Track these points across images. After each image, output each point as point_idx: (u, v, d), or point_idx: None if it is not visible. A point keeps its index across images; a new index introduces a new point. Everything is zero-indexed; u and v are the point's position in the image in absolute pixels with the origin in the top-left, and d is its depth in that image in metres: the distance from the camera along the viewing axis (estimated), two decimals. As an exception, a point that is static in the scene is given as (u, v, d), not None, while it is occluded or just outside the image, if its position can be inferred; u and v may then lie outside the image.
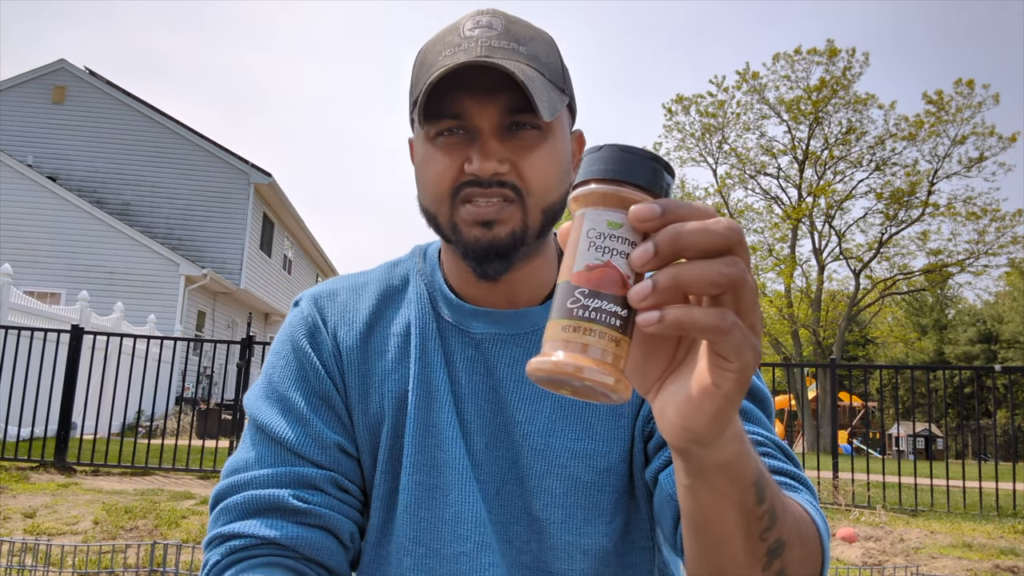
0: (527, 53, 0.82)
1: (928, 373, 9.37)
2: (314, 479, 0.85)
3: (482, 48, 0.80)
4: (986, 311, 38.07)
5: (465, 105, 0.81)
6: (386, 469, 0.89)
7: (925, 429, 21.20)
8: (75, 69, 18.13)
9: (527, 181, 0.82)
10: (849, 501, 7.39)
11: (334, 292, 0.97)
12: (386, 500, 0.89)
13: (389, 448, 0.89)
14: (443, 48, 0.83)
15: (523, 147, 0.82)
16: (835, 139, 24.94)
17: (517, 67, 0.78)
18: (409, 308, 0.94)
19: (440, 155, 0.83)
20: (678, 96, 26.26)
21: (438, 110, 0.82)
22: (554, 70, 0.85)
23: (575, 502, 0.86)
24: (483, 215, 0.82)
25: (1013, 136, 22.37)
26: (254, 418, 0.90)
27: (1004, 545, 5.61)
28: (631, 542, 0.88)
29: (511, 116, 0.81)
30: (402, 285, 0.97)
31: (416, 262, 0.98)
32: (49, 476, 7.05)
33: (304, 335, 0.93)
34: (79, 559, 3.83)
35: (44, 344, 7.94)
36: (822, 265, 25.77)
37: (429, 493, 0.87)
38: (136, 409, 9.69)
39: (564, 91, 0.86)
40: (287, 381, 0.90)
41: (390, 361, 0.91)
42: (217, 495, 0.87)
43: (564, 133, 0.87)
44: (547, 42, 0.87)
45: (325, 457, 0.87)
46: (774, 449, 0.80)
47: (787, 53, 24.71)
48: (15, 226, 15.69)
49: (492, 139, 0.81)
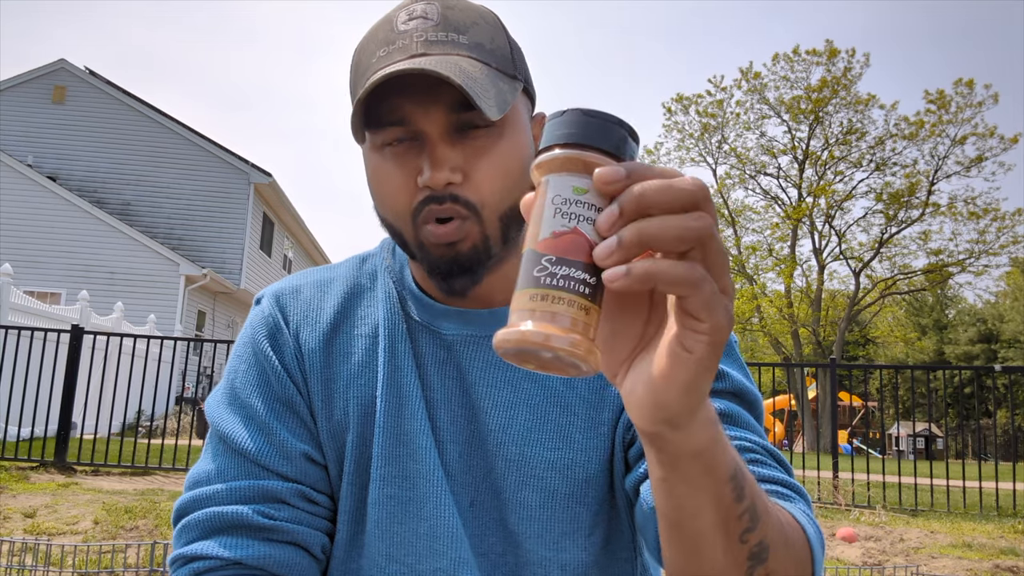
0: (468, 43, 0.76)
1: (928, 373, 9.38)
2: (279, 492, 0.81)
3: (418, 45, 0.75)
4: (986, 311, 38.07)
5: (407, 110, 0.75)
6: (353, 481, 0.84)
7: (925, 429, 21.20)
8: (75, 69, 18.13)
9: (480, 191, 0.76)
10: (849, 501, 7.39)
11: (297, 289, 0.91)
12: (353, 513, 0.84)
13: (356, 459, 0.84)
14: (376, 47, 0.77)
15: (475, 151, 0.76)
16: (835, 139, 24.95)
17: (456, 65, 0.72)
18: (377, 307, 0.88)
19: (391, 168, 0.78)
20: (678, 95, 26.26)
21: (379, 118, 0.76)
22: (501, 56, 0.78)
23: (552, 515, 0.81)
24: (446, 236, 0.77)
25: (1014, 138, 22.37)
26: (215, 426, 0.85)
27: (1004, 545, 5.61)
28: (612, 554, 0.85)
29: (458, 115, 0.75)
30: (370, 283, 0.91)
31: (384, 258, 0.92)
32: (49, 476, 7.05)
33: (265, 336, 0.87)
34: (79, 559, 3.83)
35: (44, 344, 7.94)
36: (822, 265, 25.76)
37: (402, 507, 0.82)
38: (136, 409, 9.69)
39: (516, 76, 0.79)
40: (249, 386, 0.85)
41: (355, 364, 0.86)
42: (179, 510, 0.83)
43: (521, 123, 0.81)
44: (491, 24, 0.79)
45: (290, 468, 0.82)
46: (764, 455, 0.75)
47: (787, 53, 24.72)
48: (15, 226, 15.70)
49: (441, 144, 0.75)
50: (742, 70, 25.33)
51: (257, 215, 18.84)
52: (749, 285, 26.25)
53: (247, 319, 0.92)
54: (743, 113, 25.75)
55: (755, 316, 25.92)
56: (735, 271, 26.84)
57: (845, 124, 24.68)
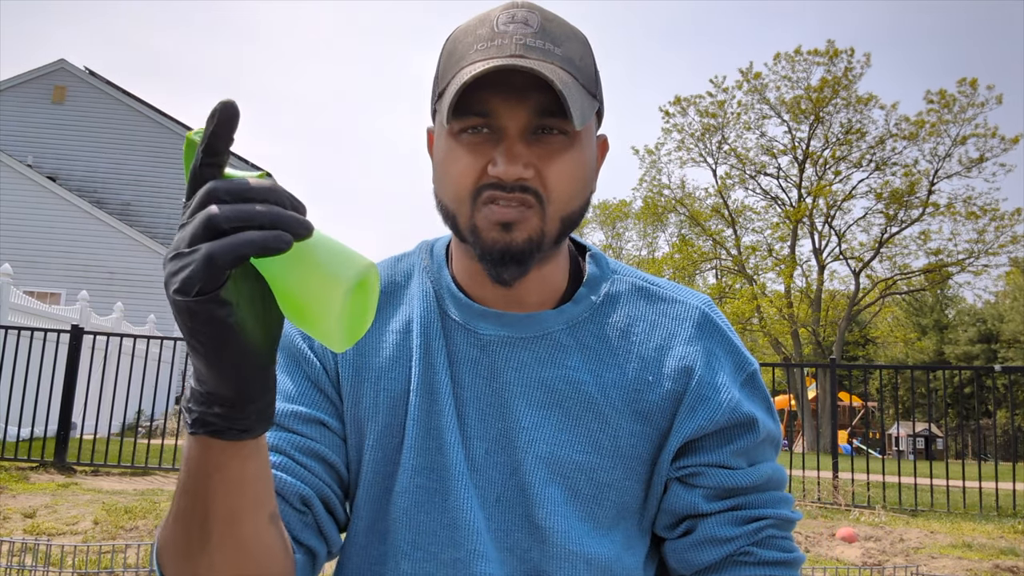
0: (562, 55, 0.80)
1: (928, 373, 9.37)
2: (277, 441, 0.81)
3: (517, 46, 0.78)
4: (986, 311, 38.07)
5: (494, 104, 0.79)
6: (378, 469, 0.86)
7: (925, 429, 21.21)
8: (75, 69, 18.13)
9: (549, 188, 0.80)
10: (849, 501, 7.39)
11: None
12: (378, 501, 0.87)
13: (383, 448, 0.86)
14: (475, 41, 0.80)
15: (549, 153, 0.80)
16: (836, 139, 24.96)
17: (552, 71, 0.76)
18: (411, 305, 0.91)
19: (463, 153, 0.81)
20: (676, 98, 26.29)
21: (466, 107, 0.79)
22: (588, 74, 0.82)
23: (575, 512, 0.84)
24: (503, 217, 0.79)
25: (1015, 138, 22.38)
26: None
27: (1004, 545, 5.61)
28: (634, 554, 0.88)
29: (540, 119, 0.79)
30: (404, 281, 0.94)
31: (422, 258, 0.95)
32: (49, 476, 7.05)
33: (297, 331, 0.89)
34: (79, 559, 3.83)
35: (44, 344, 7.94)
36: (822, 265, 25.77)
37: (429, 497, 0.85)
38: (136, 409, 9.68)
39: (595, 96, 0.84)
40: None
41: (387, 358, 0.88)
42: None
43: (591, 140, 0.85)
44: (582, 43, 0.84)
45: (300, 425, 0.83)
46: (781, 528, 0.87)
47: (788, 53, 24.73)
48: (15, 226, 15.69)
49: (518, 142, 0.79)
50: (742, 70, 25.36)
51: (257, 215, 18.84)
52: (749, 285, 26.26)
53: None
54: (743, 113, 25.78)
55: (755, 316, 25.92)
56: (735, 271, 26.89)
57: (845, 124, 24.70)
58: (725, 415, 0.85)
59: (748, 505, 0.86)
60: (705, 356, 0.87)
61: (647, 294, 0.92)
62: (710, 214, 27.73)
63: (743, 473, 0.86)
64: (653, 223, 32.41)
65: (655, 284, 0.93)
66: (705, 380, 0.86)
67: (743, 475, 0.86)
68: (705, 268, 28.56)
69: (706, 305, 0.93)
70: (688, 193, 28.35)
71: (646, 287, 0.92)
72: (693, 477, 0.86)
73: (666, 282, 0.95)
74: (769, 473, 0.87)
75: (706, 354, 0.88)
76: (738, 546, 0.84)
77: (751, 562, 0.83)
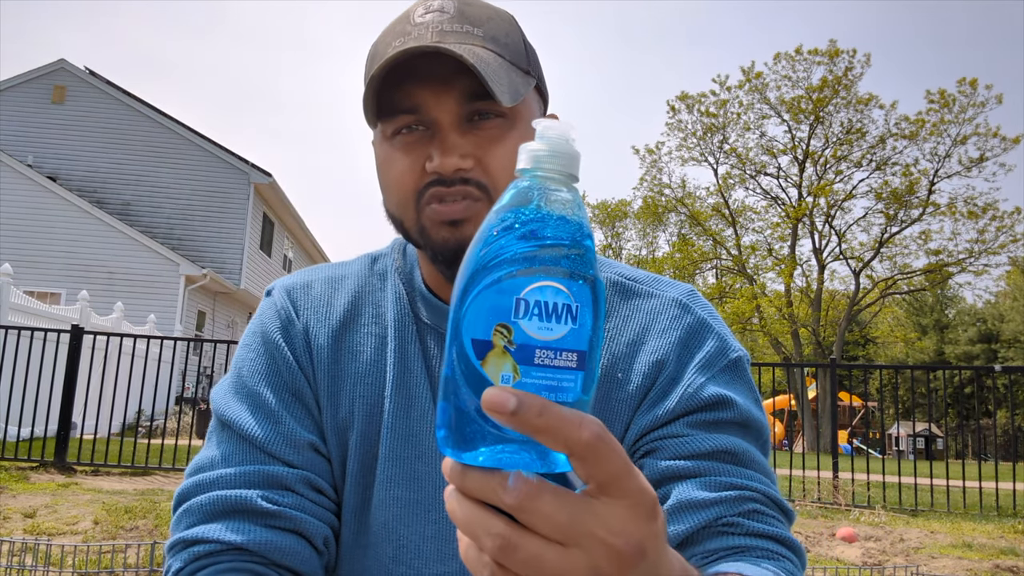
0: (483, 35, 0.76)
1: (928, 373, 9.38)
2: (285, 479, 0.79)
3: (433, 34, 0.75)
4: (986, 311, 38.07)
5: (420, 97, 0.76)
6: (357, 481, 0.83)
7: (925, 429, 21.19)
8: (75, 69, 18.13)
9: (493, 176, 0.76)
10: (849, 501, 7.39)
11: (309, 284, 0.91)
12: (357, 514, 0.83)
13: (359, 458, 0.83)
14: (392, 39, 0.77)
15: (487, 139, 0.77)
16: (836, 139, 24.96)
17: (470, 50, 0.72)
18: (387, 307, 0.88)
19: (399, 155, 0.78)
20: (682, 94, 26.27)
21: (391, 105, 0.77)
22: (515, 51, 0.79)
23: None
24: (449, 214, 0.76)
25: (1016, 138, 22.38)
26: (221, 414, 0.83)
27: (1004, 545, 5.61)
28: None
29: (471, 104, 0.76)
30: (380, 283, 0.91)
31: (395, 259, 0.92)
32: (49, 476, 7.05)
33: (277, 328, 0.87)
34: (79, 559, 3.83)
35: (44, 344, 7.94)
36: (822, 265, 25.77)
37: (408, 509, 0.81)
38: (136, 409, 9.68)
39: (529, 72, 0.79)
40: (257, 375, 0.84)
41: (364, 363, 0.85)
42: (180, 495, 0.81)
43: (534, 118, 0.79)
44: (507, 21, 0.81)
45: (297, 456, 0.81)
46: (767, 504, 0.74)
47: (788, 53, 24.73)
48: (15, 226, 15.69)
49: (452, 132, 0.76)
50: (743, 69, 25.36)
51: (257, 215, 18.84)
52: (749, 285, 26.26)
53: (257, 311, 0.92)
54: (744, 113, 25.79)
55: (755, 316, 25.92)
56: (735, 271, 26.90)
57: (846, 124, 24.69)
58: (683, 403, 0.77)
59: (720, 472, 0.74)
60: (679, 347, 0.82)
61: (623, 290, 0.88)
62: (710, 214, 27.74)
63: (701, 438, 0.75)
64: (653, 223, 32.41)
65: (632, 279, 0.89)
66: (672, 373, 0.80)
67: (700, 440, 0.75)
68: (705, 268, 28.55)
69: (686, 295, 0.87)
70: (688, 193, 28.36)
71: (622, 282, 0.88)
72: (649, 454, 0.77)
73: (645, 276, 0.90)
74: (740, 447, 0.76)
75: (680, 345, 0.82)
76: (718, 513, 0.71)
77: (737, 533, 0.71)
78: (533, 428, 0.37)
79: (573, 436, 0.37)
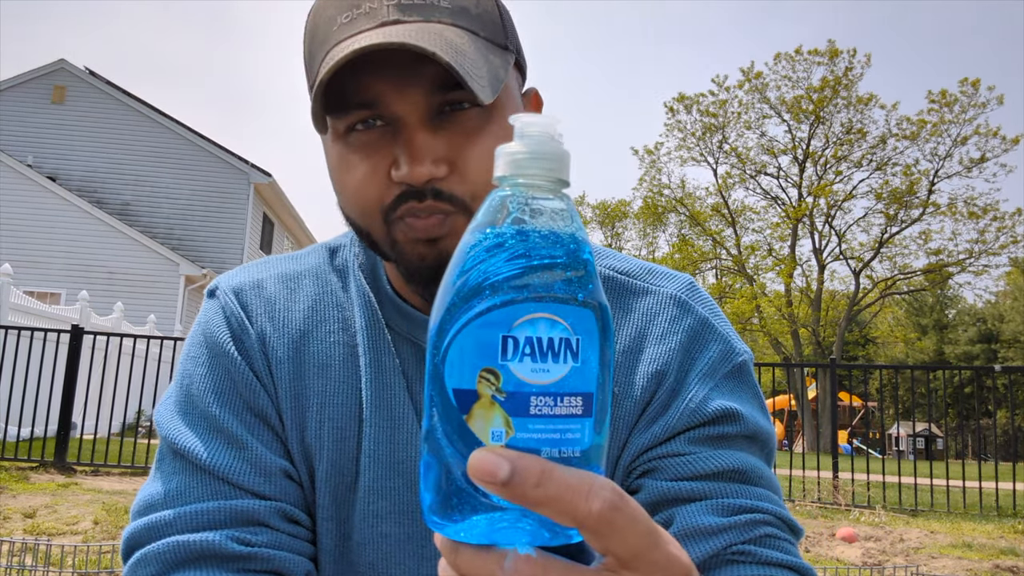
0: (450, 6, 0.63)
1: (928, 373, 9.37)
2: (256, 513, 0.67)
3: (389, 10, 0.62)
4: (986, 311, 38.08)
5: (378, 90, 0.63)
6: (330, 515, 0.72)
7: (925, 429, 21.19)
8: (75, 69, 18.13)
9: (471, 181, 0.64)
10: (849, 501, 7.39)
11: (259, 283, 0.77)
12: (335, 552, 0.72)
13: (331, 491, 0.72)
14: (336, 12, 0.63)
15: (462, 135, 0.64)
16: (836, 139, 24.96)
17: (439, 36, 0.60)
18: (353, 312, 0.76)
19: (358, 159, 0.65)
20: (680, 95, 26.26)
21: (343, 100, 0.63)
22: (490, 22, 0.66)
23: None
24: (425, 231, 0.65)
25: (1016, 139, 22.38)
26: (169, 440, 0.70)
27: (1004, 545, 5.61)
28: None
29: (440, 95, 0.63)
30: (341, 281, 0.78)
31: (356, 252, 0.79)
32: (49, 476, 7.05)
33: (227, 337, 0.73)
34: (79, 559, 3.83)
35: (44, 344, 7.94)
36: (822, 265, 25.78)
37: (399, 547, 0.71)
38: (136, 409, 9.68)
39: (507, 47, 0.67)
40: (210, 393, 0.71)
41: (333, 380, 0.73)
42: (129, 540, 0.67)
43: (513, 102, 0.69)
44: None
45: (268, 486, 0.69)
46: (779, 527, 0.67)
47: (788, 53, 24.73)
48: (15, 226, 15.69)
49: (420, 131, 0.63)
50: (743, 70, 25.36)
51: (257, 215, 18.84)
52: (749, 285, 26.27)
53: (200, 315, 0.77)
54: (744, 113, 25.78)
55: (755, 316, 25.93)
56: (735, 271, 26.91)
57: (846, 124, 24.69)
58: (685, 418, 0.70)
59: (729, 493, 0.67)
60: (680, 354, 0.73)
61: (616, 286, 0.77)
62: (710, 214, 27.74)
63: (706, 456, 0.68)
64: (653, 223, 32.41)
65: (626, 273, 0.79)
66: (672, 385, 0.72)
67: (706, 459, 0.68)
68: (705, 268, 28.55)
69: (684, 290, 0.78)
70: (688, 193, 28.36)
71: (614, 277, 0.78)
72: (648, 474, 0.69)
73: (639, 267, 0.80)
74: (748, 464, 0.69)
75: (682, 351, 0.73)
76: (729, 541, 0.65)
77: (751, 561, 0.64)
78: (532, 501, 0.31)
79: (582, 509, 0.31)
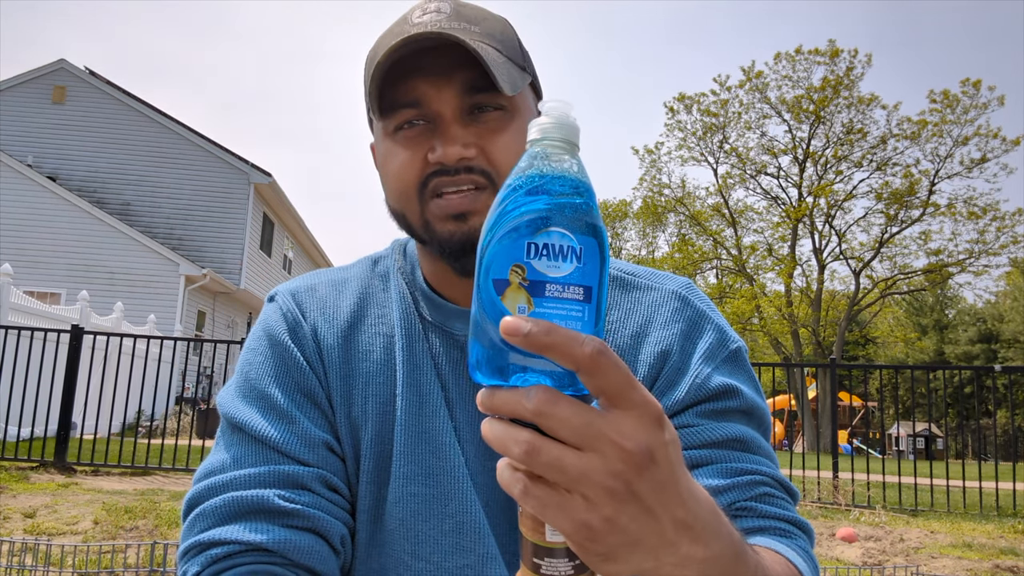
0: (481, 32, 0.79)
1: (928, 373, 9.37)
2: (301, 477, 0.78)
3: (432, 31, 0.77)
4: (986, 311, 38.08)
5: (421, 90, 0.78)
6: (372, 479, 0.83)
7: (925, 429, 21.19)
8: (75, 69, 18.13)
9: (497, 164, 0.78)
10: (849, 501, 7.39)
11: (312, 287, 0.92)
12: (372, 512, 0.83)
13: (374, 456, 0.83)
14: (390, 40, 0.78)
15: (489, 130, 0.79)
16: (837, 139, 24.94)
17: (474, 41, 0.75)
18: (391, 308, 0.89)
19: (401, 150, 0.80)
20: (680, 95, 26.25)
21: (393, 101, 0.78)
22: (511, 47, 0.81)
23: None
24: (455, 207, 0.78)
25: (1016, 139, 22.37)
26: (230, 418, 0.82)
27: (1004, 545, 5.61)
28: None
29: (472, 97, 0.78)
30: (382, 284, 0.92)
31: (396, 259, 0.94)
32: (49, 476, 7.05)
33: (284, 330, 0.87)
34: (79, 559, 3.83)
35: (44, 344, 7.94)
36: (822, 265, 25.76)
37: (426, 504, 0.81)
38: (136, 409, 9.69)
39: (525, 69, 0.82)
40: (266, 377, 0.84)
41: (374, 362, 0.86)
42: (191, 500, 0.79)
43: (530, 112, 0.84)
44: (501, 22, 0.83)
45: (312, 455, 0.80)
46: (776, 488, 0.78)
47: (789, 53, 24.71)
48: (15, 226, 15.69)
49: (454, 124, 0.78)
50: (744, 69, 25.34)
51: (257, 215, 18.84)
52: (749, 285, 26.26)
53: (261, 316, 0.92)
54: (744, 112, 25.76)
55: (755, 316, 25.92)
56: (735, 271, 26.90)
57: (847, 124, 24.67)
58: (692, 393, 0.80)
59: (731, 459, 0.78)
60: (682, 339, 0.84)
61: (623, 284, 0.90)
62: (710, 214, 27.72)
63: (711, 427, 0.79)
64: (653, 223, 32.40)
65: (632, 273, 0.92)
66: (677, 364, 0.83)
67: (711, 429, 0.79)
68: (705, 268, 28.54)
69: (684, 288, 0.90)
70: (688, 193, 28.34)
71: (622, 276, 0.91)
72: None
73: (644, 270, 0.93)
74: (747, 434, 0.80)
75: (683, 337, 0.85)
76: (732, 499, 0.75)
77: (752, 516, 0.75)
78: (542, 345, 0.42)
79: (577, 351, 0.42)
